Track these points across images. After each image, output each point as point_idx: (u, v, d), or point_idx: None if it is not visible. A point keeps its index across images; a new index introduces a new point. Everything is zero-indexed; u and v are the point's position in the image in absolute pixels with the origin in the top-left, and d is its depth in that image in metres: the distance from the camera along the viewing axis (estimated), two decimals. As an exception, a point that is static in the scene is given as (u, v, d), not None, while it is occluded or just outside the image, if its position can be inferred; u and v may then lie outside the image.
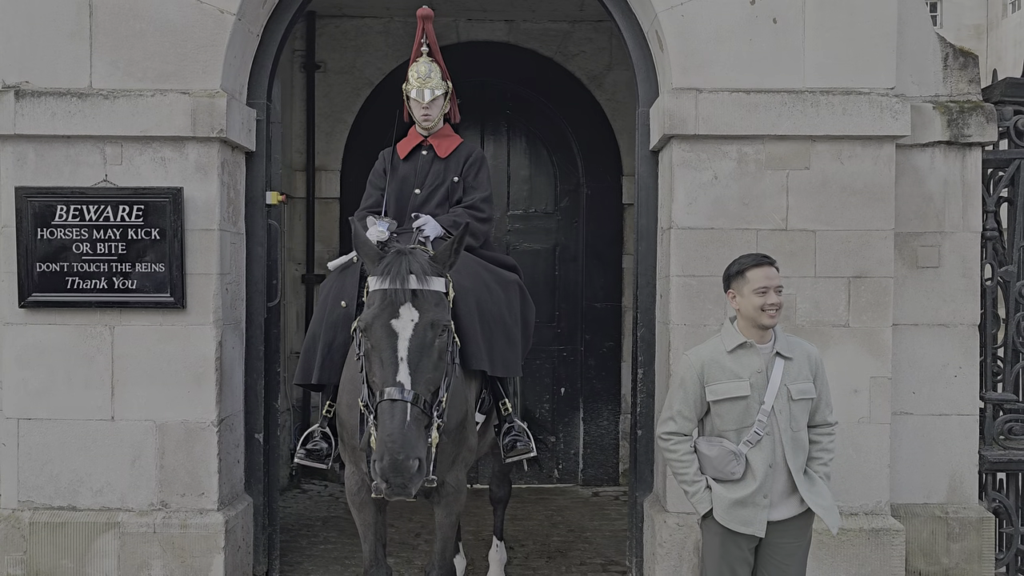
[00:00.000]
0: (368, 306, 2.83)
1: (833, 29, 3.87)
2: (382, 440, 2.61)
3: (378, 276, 2.83)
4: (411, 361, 2.70)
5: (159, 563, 3.91)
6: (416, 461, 2.58)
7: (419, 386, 2.69)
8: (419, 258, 2.86)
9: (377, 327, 2.74)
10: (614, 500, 6.11)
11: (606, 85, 6.43)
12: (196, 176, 3.92)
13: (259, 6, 4.08)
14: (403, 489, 2.58)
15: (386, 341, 2.73)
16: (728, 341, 2.94)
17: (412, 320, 2.75)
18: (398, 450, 2.56)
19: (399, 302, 2.75)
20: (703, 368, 2.90)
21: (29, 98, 3.86)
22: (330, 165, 6.49)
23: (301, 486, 6.34)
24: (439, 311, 2.81)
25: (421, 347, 2.73)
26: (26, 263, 3.90)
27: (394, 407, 2.62)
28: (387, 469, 2.55)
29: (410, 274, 2.79)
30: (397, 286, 2.76)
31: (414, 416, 2.63)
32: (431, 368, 2.75)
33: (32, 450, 3.95)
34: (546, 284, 6.48)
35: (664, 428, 2.97)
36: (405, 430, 2.59)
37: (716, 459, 2.88)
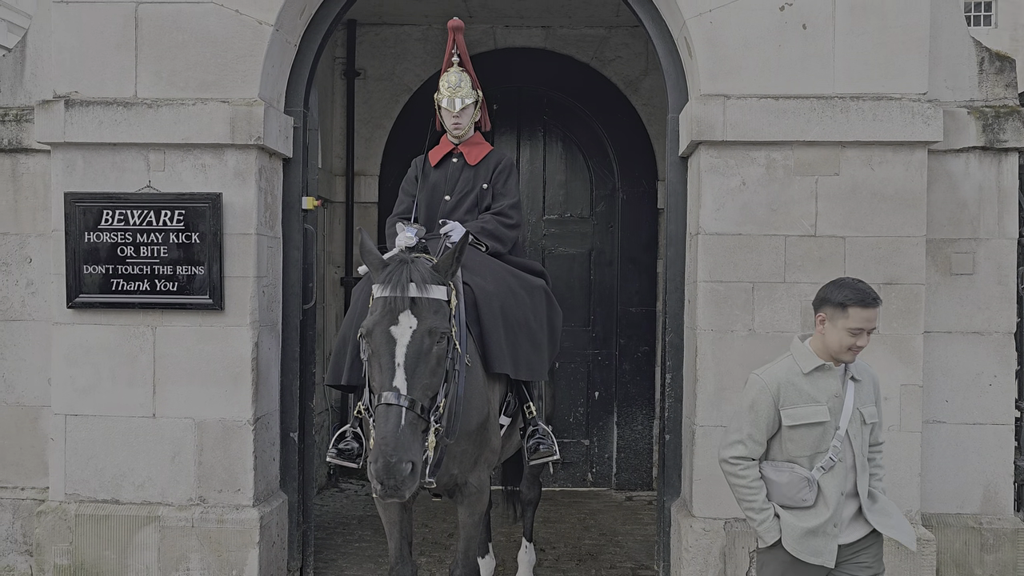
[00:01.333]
0: (371, 313, 2.92)
1: (864, 34, 3.84)
2: (377, 443, 2.68)
3: (380, 284, 2.91)
4: (408, 367, 2.77)
5: (197, 556, 4.04)
6: (408, 464, 2.64)
7: (416, 391, 2.76)
8: (420, 267, 2.93)
9: (377, 333, 2.82)
10: (647, 504, 6.10)
11: (642, 90, 6.44)
12: (235, 182, 4.04)
13: (296, 17, 4.20)
14: (396, 491, 2.63)
15: (385, 347, 2.80)
16: (804, 362, 2.77)
17: (410, 327, 2.81)
18: (391, 453, 2.62)
19: (399, 309, 2.83)
20: (778, 390, 2.74)
21: (78, 107, 4.03)
22: (369, 170, 6.62)
23: (339, 485, 6.47)
24: (438, 319, 2.88)
25: (418, 353, 2.80)
26: (74, 265, 4.06)
27: (389, 411, 2.69)
28: (380, 471, 2.62)
29: (410, 282, 2.86)
30: (397, 294, 2.84)
31: (409, 420, 2.70)
32: (428, 374, 2.82)
33: (78, 445, 4.11)
34: (581, 288, 6.51)
35: (732, 452, 2.79)
36: (399, 434, 2.66)
37: (786, 486, 2.74)
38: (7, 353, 4.33)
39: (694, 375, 3.98)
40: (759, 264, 3.90)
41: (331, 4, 4.33)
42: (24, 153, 4.30)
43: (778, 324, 3.89)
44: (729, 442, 2.82)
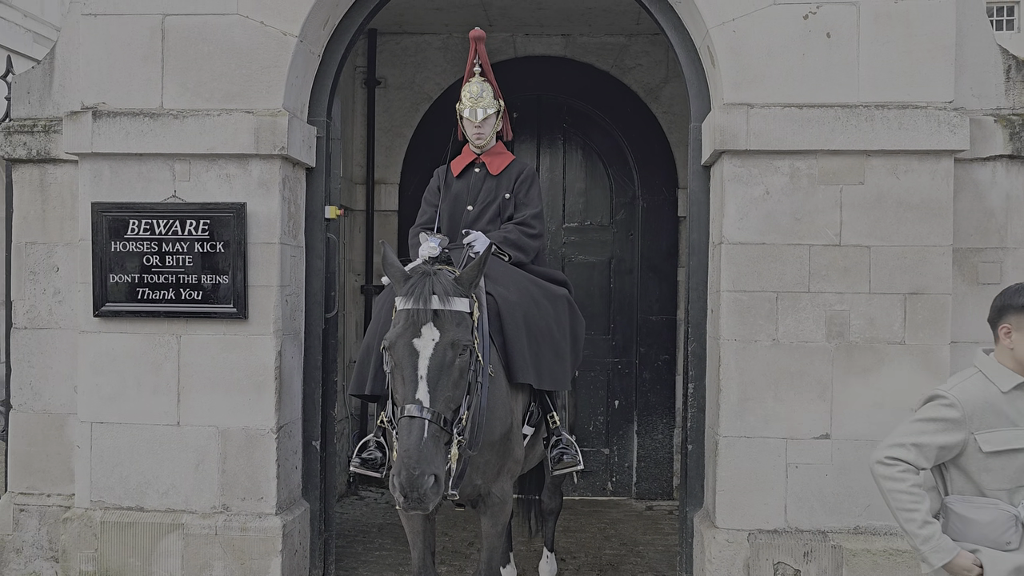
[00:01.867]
0: (393, 325, 2.93)
1: (889, 43, 3.82)
2: (400, 456, 2.69)
3: (403, 296, 2.91)
4: (430, 379, 2.77)
5: (220, 564, 4.06)
6: (431, 477, 2.64)
7: (438, 404, 2.76)
8: (443, 279, 2.93)
9: (400, 346, 2.83)
10: (668, 514, 6.07)
11: (662, 98, 6.44)
12: (259, 192, 4.07)
13: (320, 28, 4.23)
14: (419, 504, 2.63)
15: (407, 360, 2.81)
16: (1001, 380, 2.46)
17: (433, 339, 2.82)
18: (414, 465, 2.62)
19: (421, 322, 2.83)
20: (973, 412, 2.43)
21: (105, 118, 4.07)
22: (389, 178, 6.65)
23: (359, 493, 6.48)
24: (460, 331, 2.88)
25: (441, 366, 2.80)
26: (100, 274, 4.10)
27: (412, 424, 2.69)
28: (404, 484, 2.62)
29: (432, 295, 2.86)
30: (420, 306, 2.84)
31: (431, 433, 2.70)
32: (451, 386, 2.82)
33: (104, 452, 4.15)
34: (601, 297, 6.50)
35: (892, 452, 2.47)
36: (421, 446, 2.66)
37: (989, 525, 2.39)
38: (34, 361, 4.38)
39: (717, 385, 3.97)
40: (783, 273, 3.88)
41: (354, 15, 4.36)
42: (52, 163, 4.35)
43: (802, 334, 3.87)
44: (891, 443, 2.49)
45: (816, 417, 3.87)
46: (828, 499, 3.86)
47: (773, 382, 3.88)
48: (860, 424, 3.85)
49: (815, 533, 3.87)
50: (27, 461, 4.40)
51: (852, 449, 3.85)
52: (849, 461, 3.85)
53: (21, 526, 4.36)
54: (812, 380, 3.87)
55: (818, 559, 3.83)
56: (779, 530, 3.88)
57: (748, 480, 3.89)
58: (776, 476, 3.88)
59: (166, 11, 4.08)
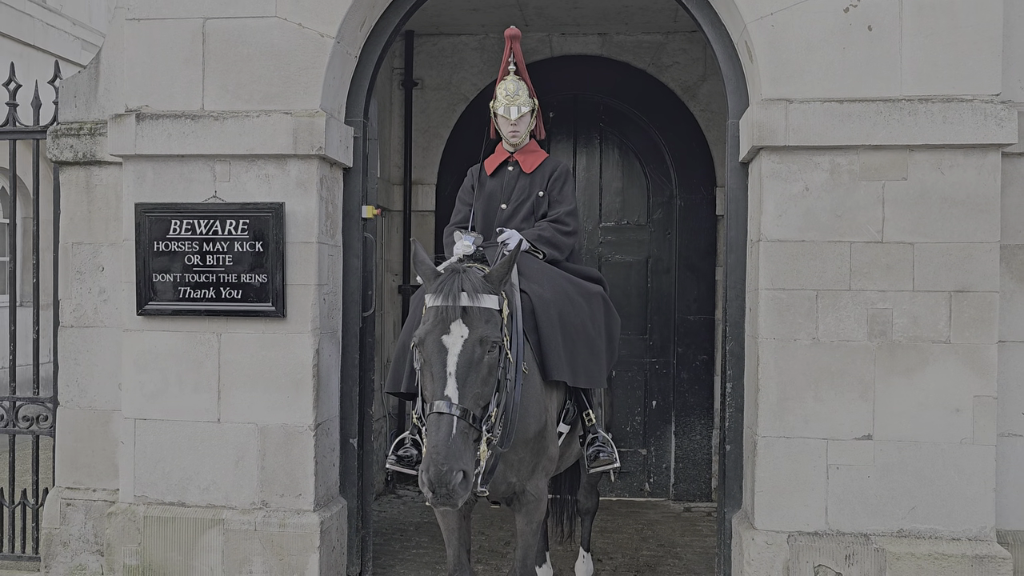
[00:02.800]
0: (423, 322, 2.94)
1: (932, 35, 3.73)
2: (428, 452, 2.69)
3: (432, 294, 2.93)
4: (459, 376, 2.77)
5: (259, 560, 4.11)
6: (460, 473, 2.63)
7: (467, 400, 2.76)
8: (472, 276, 2.94)
9: (429, 342, 2.84)
10: (706, 516, 6.01)
11: (700, 96, 6.38)
12: (297, 192, 4.12)
13: (357, 29, 4.27)
14: (447, 499, 2.63)
15: (436, 356, 2.82)
16: None
17: (462, 336, 2.82)
18: (442, 462, 2.62)
19: (450, 319, 2.84)
20: None
21: (148, 121, 4.15)
22: (426, 179, 6.68)
23: (396, 491, 6.52)
24: (489, 328, 2.88)
25: (469, 363, 2.80)
26: (143, 274, 4.18)
27: (440, 420, 2.70)
28: (432, 479, 2.62)
29: (461, 292, 2.87)
30: (448, 303, 2.85)
31: (460, 429, 2.70)
32: (479, 383, 2.82)
33: (147, 448, 4.23)
34: (638, 296, 6.46)
35: None
36: (450, 442, 2.66)
37: None
38: (80, 358, 4.48)
39: (756, 384, 3.91)
40: (823, 271, 3.81)
41: (391, 16, 4.39)
42: (97, 165, 4.45)
43: (843, 333, 3.80)
44: None
45: (858, 417, 3.80)
46: (870, 501, 3.79)
47: (813, 381, 3.82)
48: (904, 425, 3.77)
49: (857, 536, 3.79)
50: (74, 456, 4.51)
51: (895, 450, 3.77)
52: (892, 462, 3.77)
53: (68, 520, 4.47)
54: (853, 380, 3.79)
55: (860, 562, 3.76)
56: (820, 532, 3.81)
57: (788, 481, 3.83)
58: (816, 477, 3.81)
59: (207, 15, 4.15)
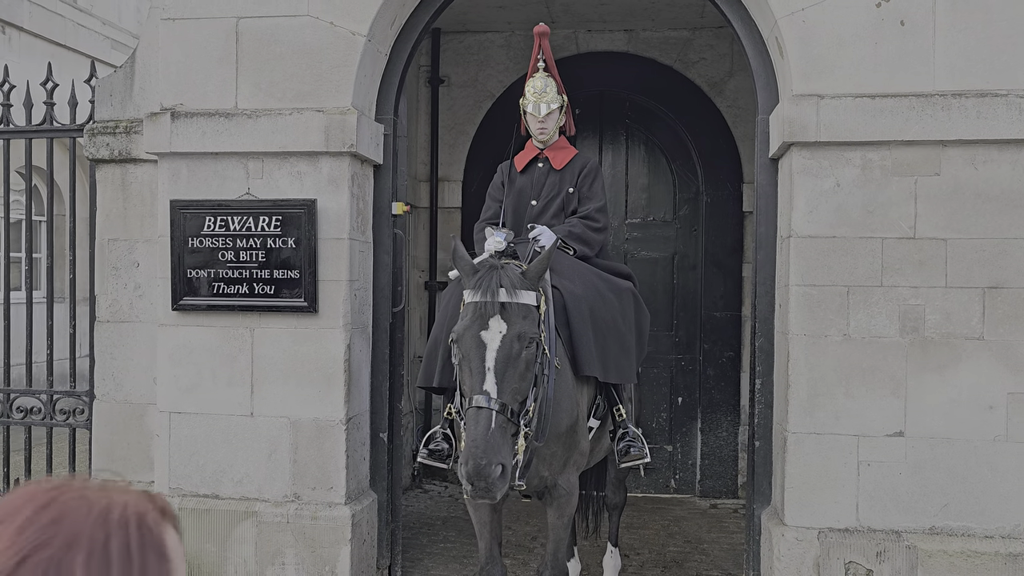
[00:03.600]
0: (461, 318, 2.98)
1: (966, 29, 3.70)
2: (467, 445, 2.73)
3: (471, 289, 2.96)
4: (498, 371, 2.81)
5: (292, 551, 4.17)
6: (499, 467, 2.67)
7: (505, 395, 2.79)
8: (510, 273, 2.98)
9: (467, 338, 2.88)
10: (733, 513, 6.00)
11: (727, 92, 6.36)
12: (328, 188, 4.16)
13: (387, 27, 4.31)
14: (487, 493, 2.66)
15: (475, 352, 2.85)
16: None
17: (500, 332, 2.86)
18: (481, 455, 2.66)
19: (489, 314, 2.88)
20: None
21: (183, 119, 4.22)
22: (452, 176, 6.72)
23: (423, 486, 6.57)
24: (527, 324, 2.91)
25: (508, 358, 2.84)
26: (178, 269, 4.25)
27: (479, 414, 2.73)
28: (471, 473, 2.65)
29: (500, 288, 2.90)
30: (487, 299, 2.89)
31: (499, 424, 2.73)
32: (517, 378, 2.86)
33: (181, 441, 4.30)
34: (664, 293, 6.46)
35: None
36: (489, 436, 2.69)
37: None
38: (116, 353, 4.56)
39: (786, 380, 3.91)
40: (854, 267, 3.80)
41: (420, 14, 4.43)
42: (133, 163, 4.53)
43: (875, 329, 3.78)
44: None
45: (889, 414, 3.78)
46: (902, 498, 3.77)
47: (844, 378, 3.81)
48: (936, 421, 3.75)
49: (888, 533, 3.78)
50: (110, 449, 4.59)
51: (928, 447, 3.75)
52: (924, 459, 3.75)
53: (104, 511, 4.54)
54: (885, 376, 3.78)
55: (892, 559, 3.74)
56: (850, 529, 3.80)
57: (818, 477, 3.82)
58: (847, 474, 3.80)
59: (240, 14, 4.21)
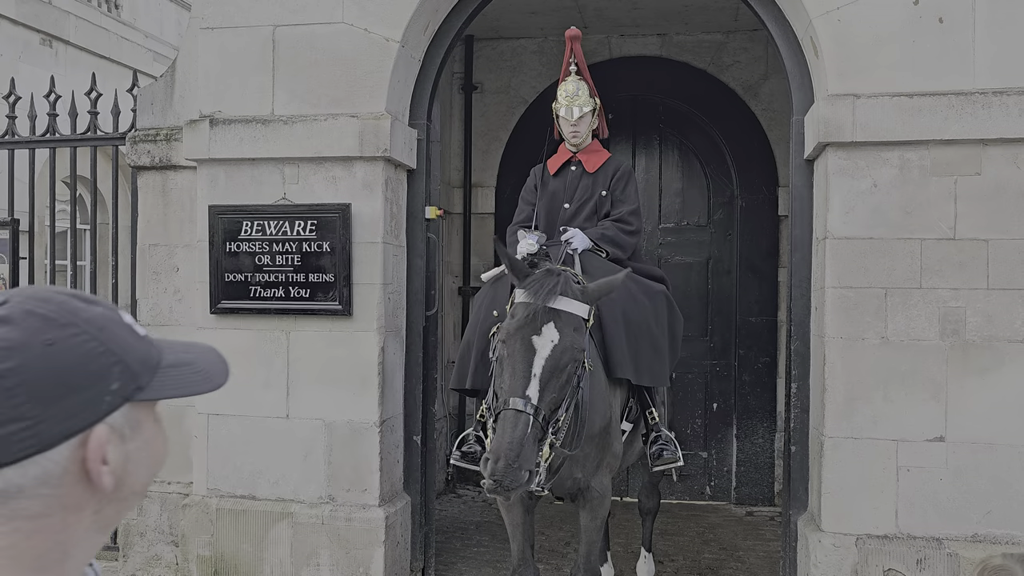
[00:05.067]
0: (511, 316, 2.96)
1: (1007, 26, 3.64)
2: (497, 443, 2.72)
3: (526, 289, 2.95)
4: (543, 379, 2.80)
5: (326, 553, 4.20)
6: (526, 472, 2.68)
7: (544, 403, 2.79)
8: (568, 282, 2.97)
9: (517, 339, 2.87)
10: (769, 520, 5.92)
11: (761, 95, 6.31)
12: (363, 193, 4.21)
13: (420, 33, 4.35)
14: (504, 492, 2.68)
15: (522, 355, 2.84)
16: None
17: (552, 341, 2.85)
18: (513, 458, 2.65)
19: (543, 321, 2.87)
20: None
21: (221, 126, 4.30)
22: (486, 182, 6.74)
23: (456, 491, 6.58)
24: (577, 336, 2.91)
25: (554, 368, 2.83)
26: (216, 273, 4.32)
27: (518, 418, 2.73)
28: (498, 471, 2.65)
29: (560, 296, 2.90)
30: (545, 304, 2.88)
31: (534, 431, 2.74)
32: (558, 389, 2.85)
33: (219, 443, 4.36)
34: (699, 298, 6.41)
35: None
36: (524, 440, 2.69)
37: None
38: (156, 356, 4.64)
39: (822, 384, 3.85)
40: (892, 269, 3.74)
41: (453, 19, 4.46)
42: (173, 170, 4.62)
43: (914, 332, 3.72)
44: None
45: (929, 419, 3.71)
46: (943, 504, 3.69)
47: (882, 381, 3.74)
48: (978, 426, 3.67)
49: (929, 540, 3.70)
50: (150, 450, 4.66)
51: (969, 453, 3.67)
52: (966, 465, 3.67)
53: (144, 511, 4.63)
54: (925, 380, 3.71)
55: (932, 567, 3.67)
56: (890, 536, 3.73)
57: (856, 483, 3.76)
58: (886, 479, 3.74)
59: (276, 22, 4.28)
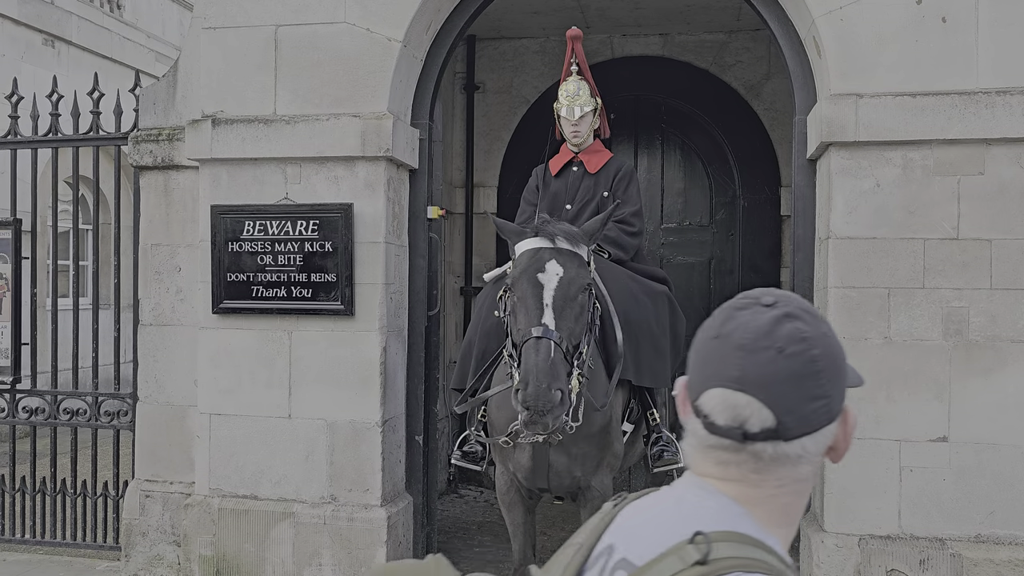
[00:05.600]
0: (515, 265, 2.99)
1: (1011, 25, 3.63)
2: (526, 370, 2.68)
3: (527, 238, 3.00)
4: (556, 308, 2.83)
5: (328, 553, 4.20)
6: (558, 392, 2.64)
7: (562, 332, 2.80)
8: (565, 224, 3.06)
9: (524, 280, 2.89)
10: (771, 521, 5.91)
11: (764, 95, 6.30)
12: (365, 192, 4.21)
13: (423, 32, 4.35)
14: (542, 418, 2.61)
15: (531, 291, 2.86)
16: None
17: (557, 274, 2.89)
18: (542, 379, 2.62)
19: (545, 259, 2.91)
20: None
21: (223, 125, 4.30)
22: (488, 182, 6.74)
23: (458, 491, 6.57)
24: (582, 271, 2.95)
25: (565, 298, 2.86)
26: (218, 273, 4.32)
27: (539, 344, 2.72)
28: (530, 396, 2.61)
29: (557, 236, 2.95)
30: (545, 244, 2.93)
31: (558, 354, 2.72)
32: (573, 319, 2.87)
33: (221, 443, 4.36)
34: (701, 298, 6.41)
35: None
36: (550, 363, 2.67)
37: None
38: (159, 356, 4.65)
39: (825, 384, 3.84)
40: (895, 269, 3.73)
41: (455, 19, 4.46)
42: (175, 169, 4.62)
43: (917, 332, 3.71)
44: None
45: (932, 419, 3.70)
46: (946, 505, 3.69)
47: (885, 382, 3.73)
48: (981, 427, 3.66)
49: (932, 540, 3.69)
50: (152, 450, 4.67)
51: (973, 453, 3.66)
52: (969, 465, 3.66)
53: (146, 511, 4.63)
54: (928, 380, 3.70)
55: (935, 567, 3.66)
56: (892, 536, 3.73)
57: (858, 483, 3.75)
58: (889, 480, 3.73)
59: (279, 22, 4.28)
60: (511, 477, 3.34)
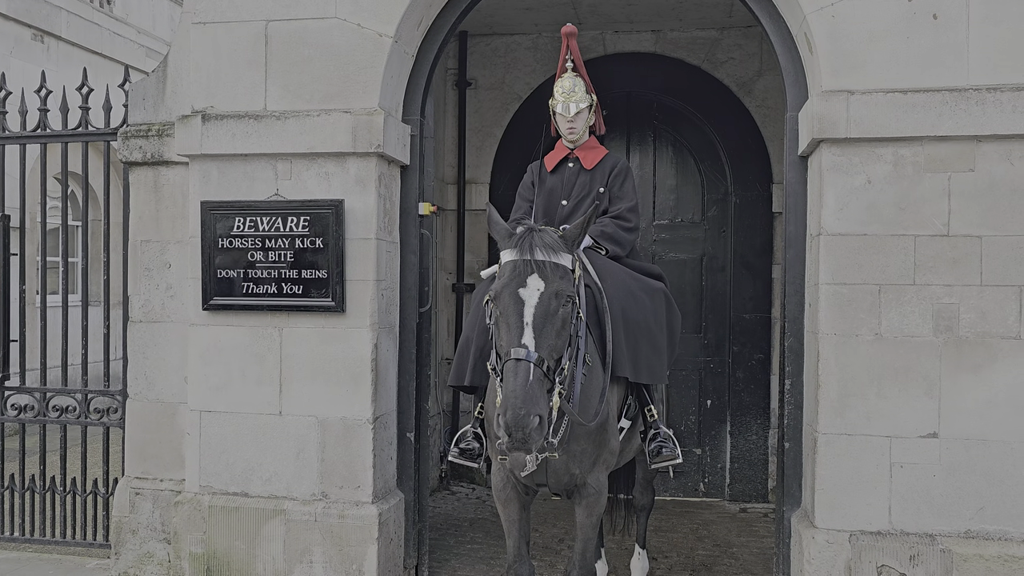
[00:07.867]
0: (499, 277, 3.00)
1: (1002, 22, 3.64)
2: (506, 396, 2.74)
3: (509, 249, 3.00)
4: (536, 326, 2.83)
5: (319, 550, 4.19)
6: (536, 417, 2.68)
7: (543, 350, 2.81)
8: (547, 235, 3.03)
9: (505, 295, 2.90)
10: (763, 517, 5.93)
11: (756, 91, 6.31)
12: (356, 189, 4.19)
13: (414, 28, 4.33)
14: (523, 444, 2.68)
15: (513, 308, 2.87)
16: None
17: (538, 289, 2.89)
18: (520, 405, 2.67)
19: (526, 273, 2.91)
20: None
21: (213, 121, 4.27)
22: (480, 178, 6.73)
23: (450, 488, 6.58)
24: (564, 283, 2.94)
25: (545, 314, 2.86)
26: (208, 270, 4.30)
27: (518, 366, 2.75)
28: (509, 423, 2.66)
29: (537, 248, 2.95)
30: (525, 257, 2.93)
31: (537, 376, 2.75)
32: (554, 335, 2.87)
33: (211, 440, 4.34)
34: (693, 294, 6.42)
35: None
36: (528, 388, 2.71)
37: None
38: (149, 352, 4.63)
39: (816, 381, 3.85)
40: (886, 265, 3.74)
41: (447, 15, 4.44)
42: (165, 165, 4.59)
43: (907, 328, 3.72)
44: None
45: (923, 415, 3.72)
46: (936, 501, 3.70)
47: (876, 378, 3.75)
48: (971, 423, 3.68)
49: (922, 536, 3.71)
50: (142, 447, 4.65)
51: (963, 449, 3.68)
52: (959, 461, 3.68)
53: (136, 509, 4.61)
54: (918, 376, 3.71)
55: (925, 563, 3.67)
56: (883, 532, 3.74)
57: (849, 479, 3.76)
58: (879, 475, 3.74)
59: (269, 17, 4.26)
60: (508, 473, 3.34)
